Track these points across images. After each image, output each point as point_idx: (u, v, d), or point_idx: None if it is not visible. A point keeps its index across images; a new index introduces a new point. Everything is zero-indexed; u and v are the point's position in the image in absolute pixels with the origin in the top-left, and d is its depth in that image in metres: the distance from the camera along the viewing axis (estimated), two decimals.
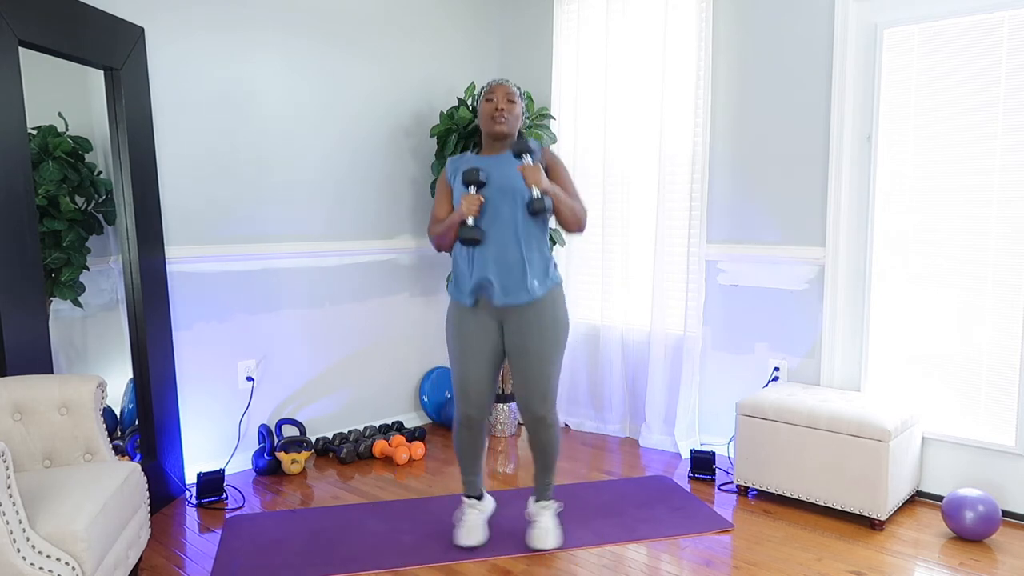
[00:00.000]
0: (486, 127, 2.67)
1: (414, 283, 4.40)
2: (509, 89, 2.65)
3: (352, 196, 4.07)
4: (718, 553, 2.78)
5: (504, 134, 2.65)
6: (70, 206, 3.02)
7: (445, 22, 4.46)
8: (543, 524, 2.77)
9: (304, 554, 2.77)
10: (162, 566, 2.71)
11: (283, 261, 3.79)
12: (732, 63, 3.75)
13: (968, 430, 3.18)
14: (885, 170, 3.34)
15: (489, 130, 2.66)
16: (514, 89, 2.67)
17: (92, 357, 3.25)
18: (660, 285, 3.94)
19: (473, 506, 2.84)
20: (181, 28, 3.36)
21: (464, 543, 2.76)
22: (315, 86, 3.87)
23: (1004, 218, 3.05)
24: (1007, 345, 3.07)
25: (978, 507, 2.83)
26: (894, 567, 2.68)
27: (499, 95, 2.64)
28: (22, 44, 2.64)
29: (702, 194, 3.81)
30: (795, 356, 3.64)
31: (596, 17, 4.13)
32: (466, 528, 2.80)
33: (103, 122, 3.10)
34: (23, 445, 2.39)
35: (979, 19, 3.06)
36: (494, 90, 2.65)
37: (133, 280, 3.13)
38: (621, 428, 4.24)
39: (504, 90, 2.65)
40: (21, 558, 1.85)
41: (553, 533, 2.76)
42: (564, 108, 4.27)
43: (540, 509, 2.80)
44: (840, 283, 3.47)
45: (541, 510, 2.80)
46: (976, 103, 3.08)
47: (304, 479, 3.58)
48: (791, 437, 3.15)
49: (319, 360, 4.00)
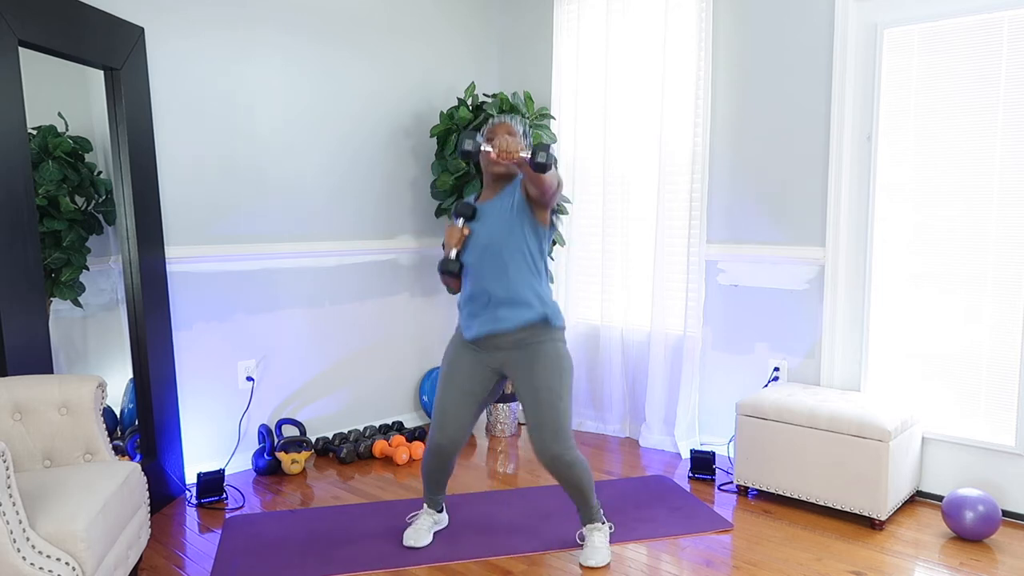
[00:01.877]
0: (485, 169, 2.69)
1: (414, 283, 4.40)
2: (511, 127, 2.64)
3: (352, 196, 4.07)
4: (718, 553, 2.78)
5: (503, 176, 2.67)
6: (70, 206, 3.02)
7: (445, 22, 4.46)
8: (590, 543, 2.73)
9: (304, 554, 2.77)
10: (162, 566, 2.71)
11: (283, 261, 3.79)
12: (732, 63, 3.75)
13: (968, 430, 3.18)
14: (885, 170, 3.34)
15: (489, 172, 2.68)
16: (515, 124, 2.66)
17: (92, 357, 3.25)
18: (660, 285, 3.94)
19: (429, 513, 2.90)
20: (181, 28, 3.36)
21: (408, 543, 2.80)
22: (315, 86, 3.87)
23: (1004, 218, 3.05)
24: (1007, 345, 3.07)
25: (978, 507, 2.83)
26: (894, 567, 2.68)
27: (499, 135, 2.61)
28: (22, 44, 2.64)
29: (702, 194, 3.81)
30: (795, 356, 3.64)
31: (596, 17, 4.13)
32: (414, 529, 2.85)
33: (103, 122, 3.10)
34: (23, 445, 2.39)
35: (979, 19, 3.06)
36: (495, 130, 2.65)
37: (133, 280, 3.13)
38: (621, 428, 4.24)
39: (504, 128, 2.64)
40: (21, 558, 1.85)
41: (600, 552, 2.70)
42: (564, 108, 4.27)
43: (589, 531, 2.76)
44: (840, 283, 3.47)
45: (589, 531, 2.76)
46: (976, 103, 3.08)
47: (304, 479, 3.58)
48: (791, 437, 3.15)
49: (319, 360, 4.00)
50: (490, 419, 4.28)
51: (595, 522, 2.74)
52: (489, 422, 4.29)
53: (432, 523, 2.90)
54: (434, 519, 2.91)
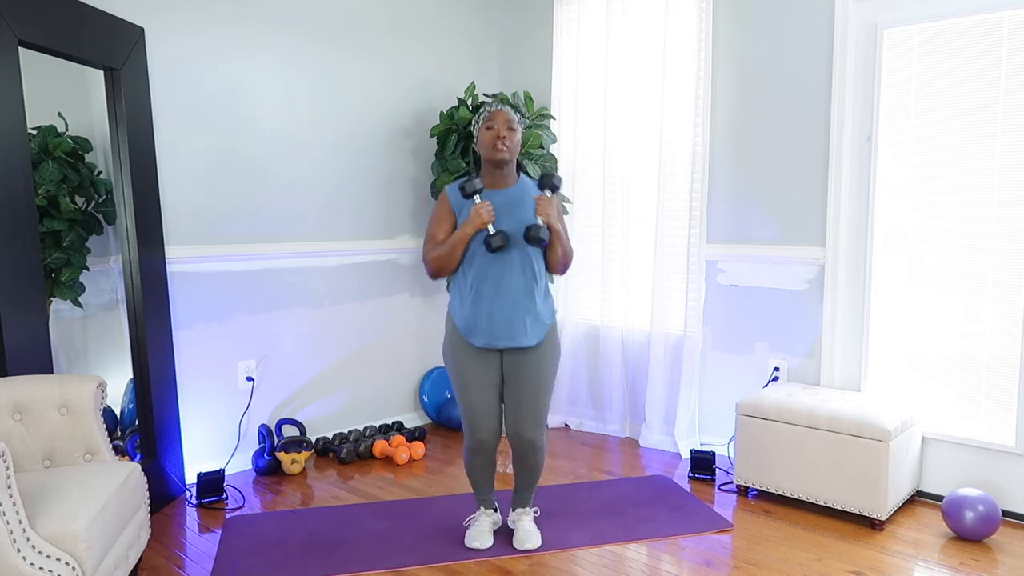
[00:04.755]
0: (486, 154, 2.65)
1: (414, 283, 4.40)
2: (509, 115, 2.64)
3: (352, 196, 4.07)
4: (718, 553, 2.78)
5: (504, 162, 2.65)
6: (70, 206, 3.02)
7: (445, 22, 4.46)
8: (525, 527, 2.84)
9: (304, 554, 2.77)
10: (162, 566, 2.71)
11: (283, 261, 3.79)
12: (732, 63, 3.75)
13: (968, 430, 3.18)
14: (885, 170, 3.34)
15: (490, 157, 2.65)
16: (514, 116, 2.66)
17: (92, 357, 3.25)
18: (660, 285, 3.94)
19: (487, 513, 2.90)
20: (181, 28, 3.36)
21: (473, 545, 2.80)
22: (315, 86, 3.87)
23: (1004, 218, 3.05)
24: (1007, 345, 3.07)
25: (978, 507, 2.83)
26: (894, 567, 2.68)
27: (499, 122, 2.62)
28: (22, 44, 2.64)
29: (702, 194, 3.81)
30: (795, 356, 3.64)
31: (596, 17, 4.13)
32: (476, 531, 2.84)
33: (103, 122, 3.10)
34: (23, 445, 2.39)
35: (979, 19, 3.06)
36: (494, 116, 2.63)
37: (133, 280, 3.13)
38: (621, 428, 4.24)
39: (504, 116, 2.63)
40: (21, 558, 1.85)
41: (536, 534, 2.84)
42: (564, 108, 4.27)
43: (519, 515, 2.88)
44: (840, 283, 3.47)
45: (520, 516, 2.88)
46: (976, 103, 3.08)
47: (304, 479, 3.58)
48: (791, 437, 3.15)
49: (319, 360, 4.00)
50: None
51: (528, 506, 2.89)
52: None
53: (491, 523, 2.90)
54: (492, 519, 2.91)
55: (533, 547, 2.79)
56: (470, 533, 2.84)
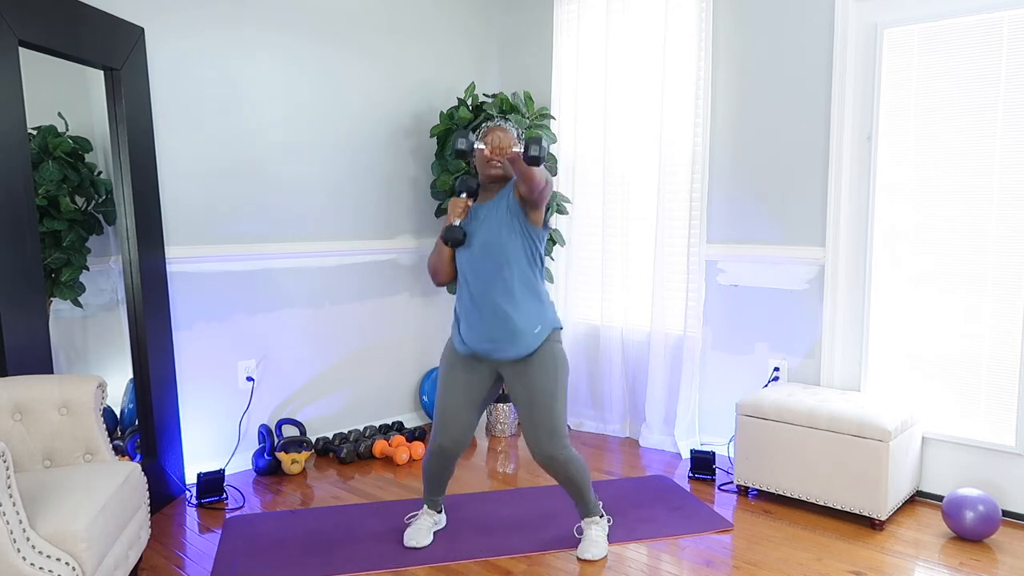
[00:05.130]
0: (481, 171, 2.69)
1: (414, 283, 4.40)
2: (503, 135, 2.65)
3: (352, 196, 4.07)
4: (718, 553, 2.78)
5: (499, 178, 2.67)
6: (70, 206, 3.02)
7: (445, 22, 4.46)
8: (587, 536, 2.78)
9: (304, 554, 2.77)
10: (162, 566, 2.71)
11: (283, 261, 3.79)
12: (732, 63, 3.75)
13: (968, 430, 3.18)
14: (885, 170, 3.34)
15: (484, 173, 2.68)
16: (512, 133, 2.66)
17: (92, 357, 3.25)
18: (660, 285, 3.94)
19: (429, 513, 2.91)
20: (181, 28, 3.36)
21: (409, 544, 2.81)
22: (315, 86, 3.87)
23: (1004, 218, 3.05)
24: (1007, 345, 3.07)
25: (978, 507, 2.83)
26: (894, 567, 2.68)
27: (494, 141, 2.64)
28: (22, 44, 2.64)
29: (702, 194, 3.81)
30: (795, 356, 3.64)
31: (596, 17, 4.13)
32: (415, 529, 2.85)
33: (103, 122, 3.10)
34: (23, 445, 2.39)
35: (979, 19, 3.06)
36: (491, 133, 2.66)
37: (133, 280, 3.13)
38: (621, 428, 4.24)
39: (498, 134, 2.64)
40: (21, 558, 1.85)
41: (597, 545, 2.74)
42: (564, 108, 4.27)
43: (587, 524, 2.81)
44: (840, 283, 3.47)
45: (587, 525, 2.81)
46: (976, 103, 3.08)
47: (304, 479, 3.58)
48: (791, 437, 3.15)
49: (319, 360, 4.00)
50: (490, 419, 4.28)
51: (593, 516, 2.79)
52: (489, 422, 4.29)
53: (432, 523, 2.90)
54: (434, 519, 2.91)
55: (590, 558, 2.70)
56: (408, 532, 2.85)
